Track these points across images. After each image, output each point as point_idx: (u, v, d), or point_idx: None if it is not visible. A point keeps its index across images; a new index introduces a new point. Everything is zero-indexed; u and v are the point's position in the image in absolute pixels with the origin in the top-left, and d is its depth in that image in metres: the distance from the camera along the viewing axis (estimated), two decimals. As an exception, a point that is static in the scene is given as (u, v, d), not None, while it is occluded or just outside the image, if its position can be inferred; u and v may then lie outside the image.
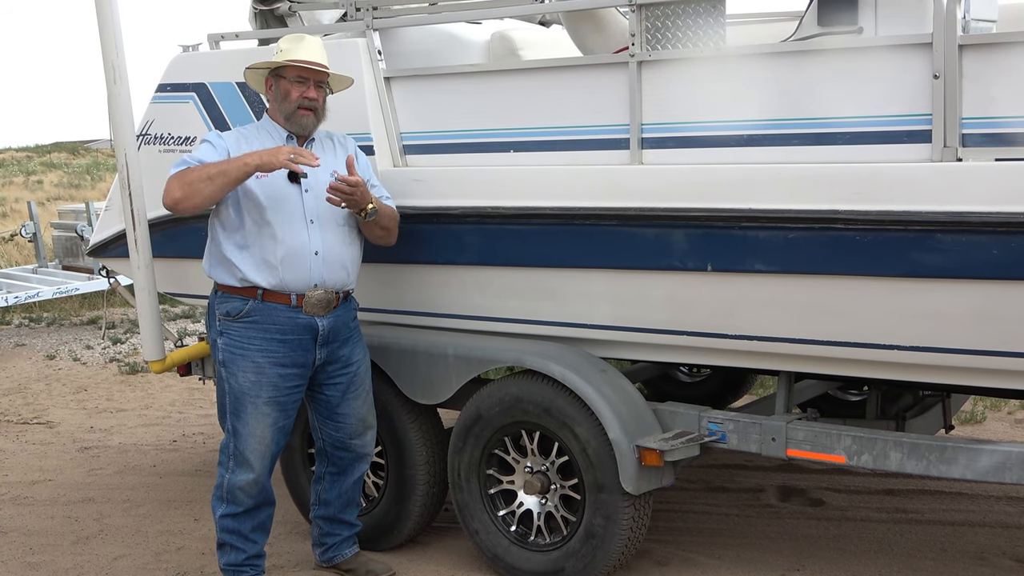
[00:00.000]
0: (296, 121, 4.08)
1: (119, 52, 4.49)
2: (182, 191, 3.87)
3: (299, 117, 4.07)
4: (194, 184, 3.86)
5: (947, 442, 3.71)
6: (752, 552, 4.65)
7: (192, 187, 3.86)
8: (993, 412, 6.61)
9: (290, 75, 4.05)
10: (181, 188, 3.87)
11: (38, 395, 8.19)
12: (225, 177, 3.85)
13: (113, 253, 5.47)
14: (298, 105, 4.05)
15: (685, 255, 3.86)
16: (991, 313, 3.42)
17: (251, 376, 4.06)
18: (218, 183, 3.85)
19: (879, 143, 3.50)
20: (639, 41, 3.88)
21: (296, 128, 4.10)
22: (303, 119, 4.07)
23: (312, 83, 4.06)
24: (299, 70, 4.03)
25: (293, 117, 4.07)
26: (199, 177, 3.86)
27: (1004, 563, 4.47)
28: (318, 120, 4.13)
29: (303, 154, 3.86)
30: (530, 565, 4.32)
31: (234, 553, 4.24)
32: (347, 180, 3.94)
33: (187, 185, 3.86)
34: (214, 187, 3.86)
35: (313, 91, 4.06)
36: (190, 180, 3.86)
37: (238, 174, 3.86)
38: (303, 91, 4.05)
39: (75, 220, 11.11)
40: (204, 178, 3.85)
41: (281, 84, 4.07)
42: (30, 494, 5.86)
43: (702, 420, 4.10)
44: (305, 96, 4.05)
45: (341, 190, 3.95)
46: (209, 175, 3.85)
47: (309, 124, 4.10)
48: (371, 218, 4.08)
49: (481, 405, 4.35)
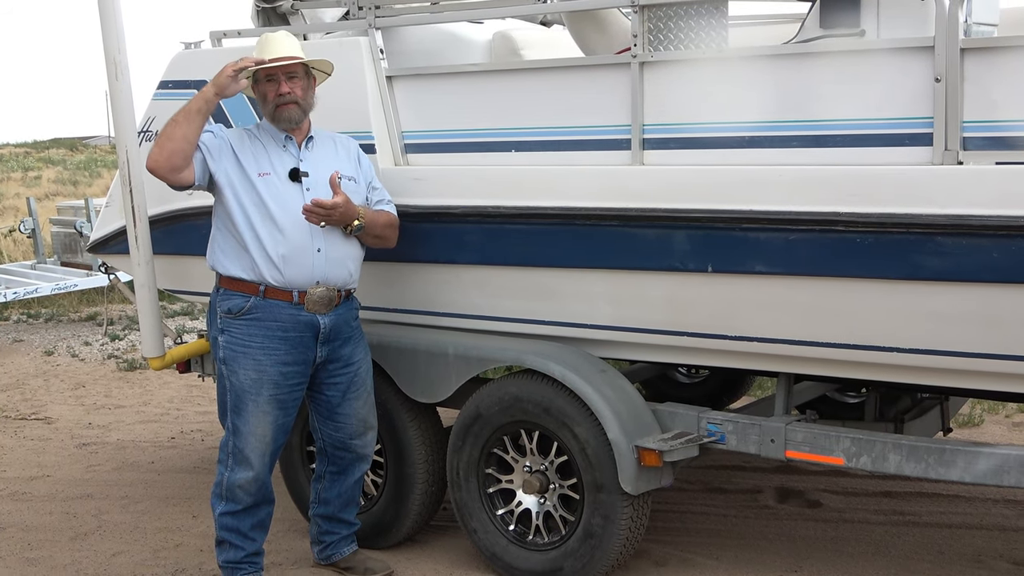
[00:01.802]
0: (279, 118, 4.09)
1: (121, 48, 4.49)
2: (157, 144, 3.95)
3: (280, 113, 4.08)
4: (164, 133, 3.95)
5: (945, 445, 3.72)
6: (750, 553, 4.65)
7: (163, 137, 3.95)
8: (991, 415, 6.62)
9: (262, 76, 4.07)
10: (156, 144, 3.95)
11: (36, 391, 8.19)
12: (187, 113, 3.93)
13: (113, 249, 5.47)
14: (275, 104, 4.07)
15: (686, 256, 3.86)
16: (991, 316, 3.43)
17: (252, 374, 4.07)
18: (182, 121, 3.93)
19: (880, 146, 3.51)
20: (641, 42, 3.89)
21: (283, 124, 4.10)
22: (284, 113, 4.08)
23: (283, 78, 4.06)
24: (264, 71, 4.06)
25: (276, 116, 4.09)
26: (167, 126, 3.94)
27: (1001, 566, 4.48)
28: (304, 111, 4.12)
29: (243, 60, 3.96)
30: (528, 564, 4.32)
31: (233, 551, 4.24)
32: (322, 204, 3.97)
33: (159, 139, 3.95)
34: (184, 127, 3.93)
35: (286, 86, 4.06)
36: (161, 134, 3.95)
37: (199, 104, 3.96)
38: (276, 89, 4.06)
39: (74, 216, 11.11)
40: (171, 123, 3.94)
41: (258, 88, 4.11)
42: (28, 490, 5.86)
43: (701, 421, 4.11)
44: (278, 93, 4.06)
45: (316, 213, 3.97)
46: (174, 119, 3.95)
47: (293, 116, 4.09)
48: (356, 233, 4.11)
49: (481, 404, 4.36)
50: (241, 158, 4.05)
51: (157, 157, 3.94)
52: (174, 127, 3.94)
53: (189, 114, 3.95)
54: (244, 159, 4.05)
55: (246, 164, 4.04)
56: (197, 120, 3.95)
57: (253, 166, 4.05)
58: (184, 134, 3.93)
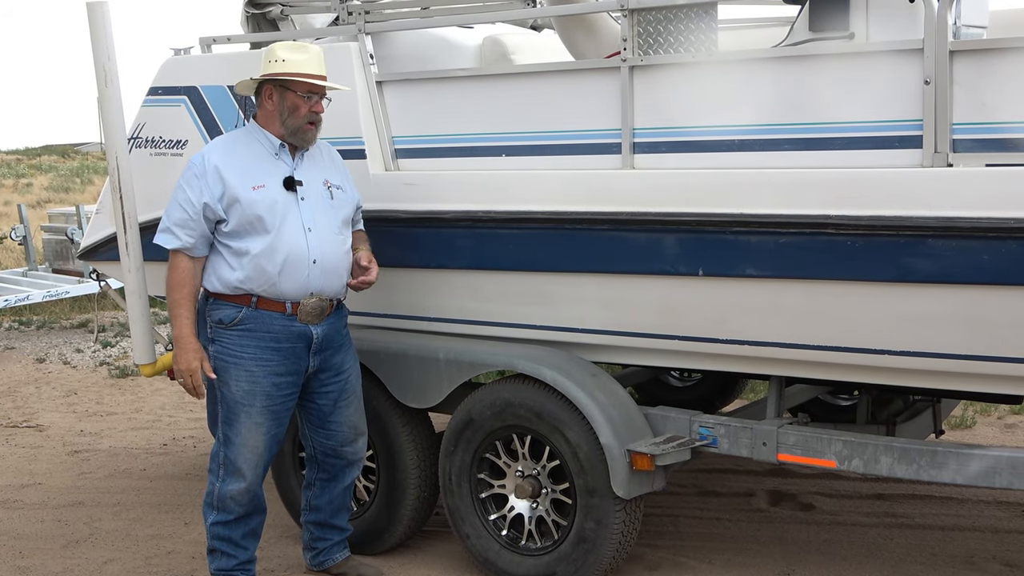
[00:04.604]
0: (302, 136, 4.03)
1: (110, 55, 4.47)
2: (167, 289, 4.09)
3: (306, 131, 4.03)
4: (168, 297, 4.08)
5: (937, 447, 3.73)
6: (743, 556, 4.65)
7: (168, 295, 4.08)
8: (983, 417, 6.63)
9: (300, 89, 3.99)
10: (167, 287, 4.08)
11: (28, 398, 8.16)
12: (171, 319, 4.06)
13: (104, 256, 5.46)
14: (308, 120, 4.02)
15: (676, 259, 3.86)
16: (981, 318, 3.43)
17: (244, 385, 4.05)
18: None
19: (870, 148, 3.51)
20: (631, 46, 3.89)
21: (299, 142, 4.05)
22: (308, 133, 4.04)
23: (319, 97, 4.03)
24: (310, 86, 3.99)
25: (299, 131, 4.02)
26: (169, 296, 4.06)
27: (993, 567, 4.48)
28: (318, 133, 4.11)
29: (195, 388, 4.06)
30: (521, 569, 4.32)
31: (225, 559, 4.23)
32: (368, 280, 4.16)
33: (167, 285, 4.07)
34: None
35: (320, 105, 4.03)
36: (168, 287, 4.06)
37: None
38: (311, 105, 4.00)
39: (65, 223, 11.08)
40: (168, 299, 4.08)
41: (288, 97, 4.00)
42: (20, 497, 5.84)
43: (693, 424, 4.11)
44: (314, 111, 4.01)
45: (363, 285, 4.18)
46: (168, 304, 4.08)
47: (312, 138, 4.07)
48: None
49: (472, 409, 4.35)
50: (230, 178, 3.95)
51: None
52: (170, 305, 4.07)
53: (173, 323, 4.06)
54: (234, 177, 3.96)
55: (237, 181, 3.95)
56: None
57: (245, 180, 3.96)
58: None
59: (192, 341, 4.00)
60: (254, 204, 3.95)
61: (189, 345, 4.00)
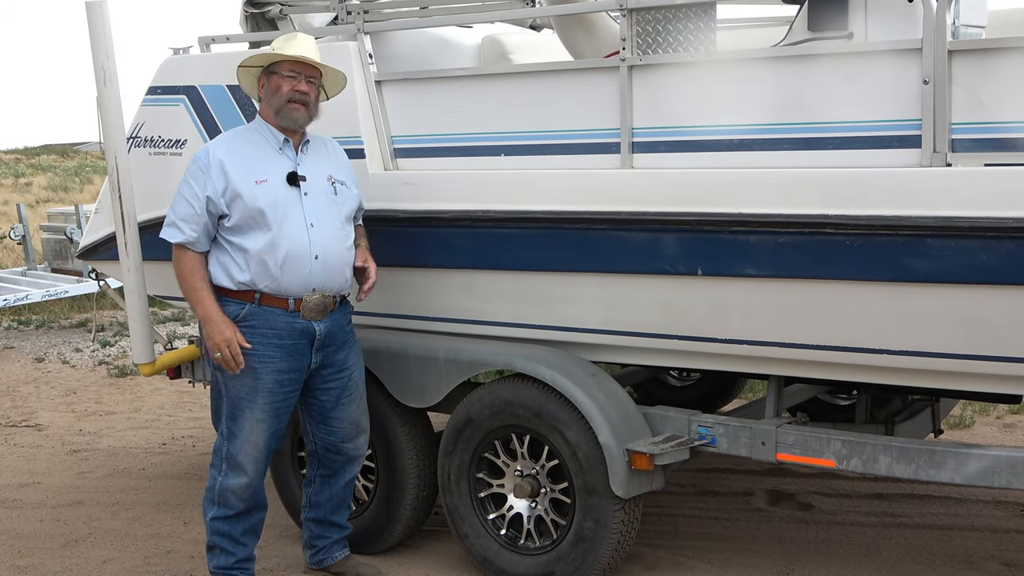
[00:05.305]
0: (286, 115, 4.04)
1: (109, 54, 4.47)
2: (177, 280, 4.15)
3: (289, 110, 4.04)
4: (183, 285, 4.12)
5: (936, 446, 3.73)
6: (741, 556, 4.65)
7: (182, 284, 4.13)
8: (982, 416, 6.63)
9: (282, 70, 4.03)
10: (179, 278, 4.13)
11: (27, 398, 8.16)
12: (193, 305, 4.09)
13: (103, 256, 5.46)
14: (288, 98, 4.03)
15: (675, 259, 3.87)
16: (980, 318, 3.43)
17: (248, 381, 4.05)
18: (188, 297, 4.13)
19: (869, 148, 3.51)
20: (630, 45, 3.89)
21: (287, 122, 4.06)
22: (293, 112, 4.04)
23: (304, 78, 4.04)
24: (291, 65, 4.03)
25: (283, 110, 4.04)
26: (184, 284, 4.10)
27: (992, 567, 4.49)
28: (310, 116, 4.09)
29: (234, 357, 4.00)
30: (520, 569, 4.32)
31: (224, 556, 4.23)
32: (370, 289, 4.23)
33: (178, 278, 4.12)
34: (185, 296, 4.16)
35: (304, 84, 4.04)
36: (181, 278, 4.11)
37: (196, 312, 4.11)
38: (294, 84, 4.03)
39: (64, 223, 11.08)
40: (184, 288, 4.12)
41: (272, 79, 4.06)
42: (19, 497, 5.84)
43: (692, 424, 4.11)
44: (296, 89, 4.03)
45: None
46: (185, 294, 4.14)
47: (299, 118, 4.06)
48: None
49: (471, 409, 4.35)
50: (233, 172, 3.97)
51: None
52: (184, 291, 4.14)
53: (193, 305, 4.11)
54: (237, 172, 3.97)
55: (240, 175, 3.97)
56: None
57: (248, 175, 3.98)
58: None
59: (220, 315, 4.01)
60: (256, 199, 3.96)
61: (219, 318, 4.00)
